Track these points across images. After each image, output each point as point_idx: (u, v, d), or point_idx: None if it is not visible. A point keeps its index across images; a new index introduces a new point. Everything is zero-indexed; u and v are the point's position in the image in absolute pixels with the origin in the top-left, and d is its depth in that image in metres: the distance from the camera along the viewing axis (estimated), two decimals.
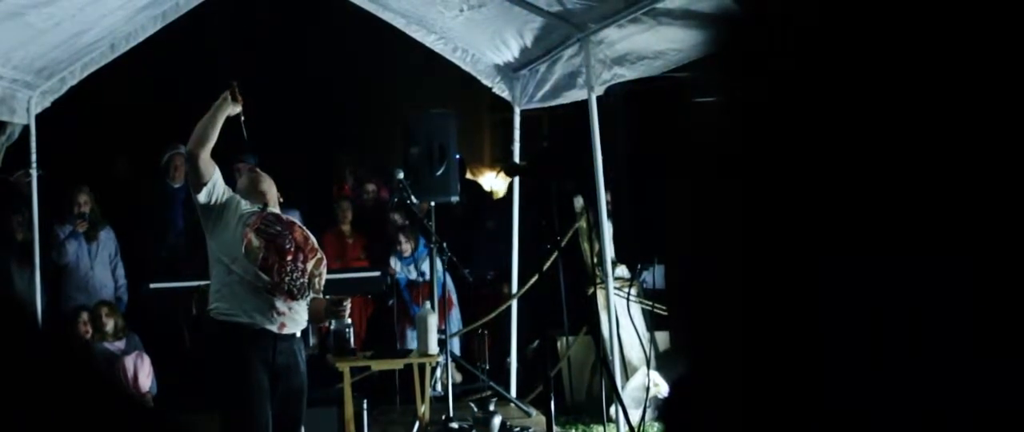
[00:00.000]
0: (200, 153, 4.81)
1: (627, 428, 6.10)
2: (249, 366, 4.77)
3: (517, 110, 8.26)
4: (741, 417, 0.79)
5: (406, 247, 8.91)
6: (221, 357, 4.83)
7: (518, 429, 7.08)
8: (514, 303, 8.23)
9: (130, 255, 8.87)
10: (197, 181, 4.84)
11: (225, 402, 4.85)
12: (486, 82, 8.29)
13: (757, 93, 0.79)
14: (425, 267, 8.77)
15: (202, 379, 5.07)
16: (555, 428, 5.12)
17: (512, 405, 7.86)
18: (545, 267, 6.83)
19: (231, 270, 4.79)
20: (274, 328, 4.82)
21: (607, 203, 6.74)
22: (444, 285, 8.06)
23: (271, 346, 4.81)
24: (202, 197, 4.83)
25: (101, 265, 8.60)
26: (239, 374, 4.77)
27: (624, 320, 7.19)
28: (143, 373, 7.95)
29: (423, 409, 6.92)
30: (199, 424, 6.69)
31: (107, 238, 8.67)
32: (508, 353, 8.36)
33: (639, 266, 6.78)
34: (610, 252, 6.83)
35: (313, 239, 5.09)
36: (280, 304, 4.82)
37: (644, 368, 7.05)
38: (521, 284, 8.18)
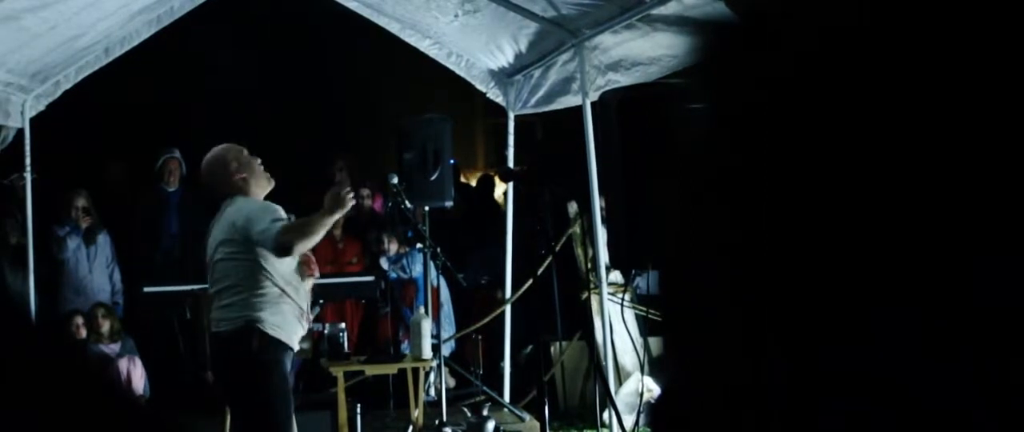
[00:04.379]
0: (297, 248, 4.74)
1: None
2: (287, 380, 4.93)
3: (511, 115, 8.26)
4: (731, 424, 0.80)
5: (391, 246, 8.90)
6: (269, 368, 4.78)
7: None
8: (508, 308, 8.23)
9: (124, 259, 8.87)
10: (281, 254, 4.78)
11: (262, 410, 4.81)
12: (480, 87, 8.30)
13: (750, 100, 0.80)
14: (405, 262, 8.79)
15: (230, 380, 4.92)
16: None
17: (505, 410, 7.86)
18: (539, 272, 6.83)
19: (284, 293, 4.79)
20: (296, 350, 5.01)
21: (601, 209, 6.75)
22: (436, 288, 8.06)
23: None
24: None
25: (99, 269, 8.61)
26: (282, 387, 4.84)
27: (618, 325, 7.19)
28: (136, 375, 7.95)
29: (416, 414, 6.92)
30: (194, 425, 6.70)
31: (104, 242, 8.68)
32: (502, 358, 8.35)
33: (633, 271, 6.79)
34: (604, 257, 6.84)
35: None
36: (303, 328, 4.96)
37: (638, 373, 7.06)
38: (515, 289, 8.18)
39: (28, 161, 7.34)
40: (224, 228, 4.84)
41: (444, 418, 7.04)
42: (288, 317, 4.81)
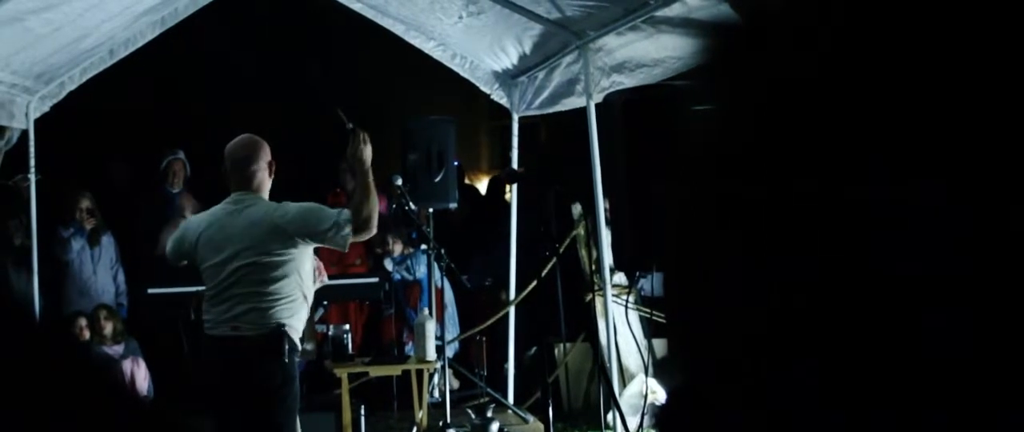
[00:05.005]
0: (375, 220, 4.72)
1: None
2: None
3: (515, 117, 8.27)
4: (738, 426, 0.80)
5: (395, 247, 8.91)
6: (294, 371, 4.74)
7: None
8: (512, 310, 8.23)
9: (128, 260, 8.88)
10: (366, 234, 4.78)
11: (283, 413, 4.75)
12: (484, 89, 8.30)
13: (756, 101, 0.80)
14: (409, 263, 8.80)
15: (251, 382, 4.79)
16: None
17: (509, 411, 7.86)
18: (543, 274, 6.83)
19: (305, 299, 4.77)
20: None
21: (605, 210, 6.75)
22: (440, 288, 8.06)
23: None
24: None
25: (103, 270, 8.62)
26: (298, 389, 4.81)
27: (622, 327, 7.19)
28: (140, 377, 7.96)
29: (420, 415, 6.92)
30: (198, 426, 6.69)
31: (108, 243, 8.69)
32: (506, 359, 8.35)
33: (637, 273, 6.79)
34: (608, 259, 6.84)
35: None
36: None
37: (642, 375, 7.05)
38: (519, 291, 8.19)
39: (32, 162, 7.35)
40: (257, 232, 4.68)
41: (448, 419, 7.04)
42: (303, 321, 4.78)
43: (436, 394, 7.89)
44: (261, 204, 4.78)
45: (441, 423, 7.01)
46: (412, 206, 7.12)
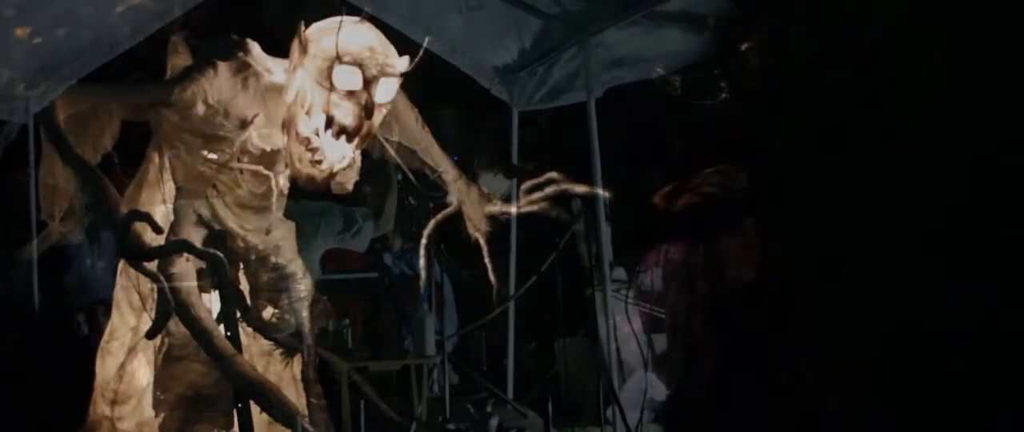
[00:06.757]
0: (392, 222, 4.71)
1: (624, 430, 6.11)
2: None
3: (515, 112, 8.26)
4: (740, 423, 0.80)
5: (395, 242, 8.91)
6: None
7: (515, 431, 7.08)
8: (511, 305, 8.22)
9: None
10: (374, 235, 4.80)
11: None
12: (484, 83, 8.28)
13: (756, 96, 0.80)
14: (409, 258, 8.80)
15: None
16: (552, 430, 5.12)
17: (509, 407, 7.86)
18: (543, 269, 6.83)
19: None
20: None
21: (606, 205, 6.76)
22: (440, 284, 8.05)
23: None
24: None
25: (102, 265, 8.61)
26: None
27: (621, 322, 7.19)
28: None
29: (420, 410, 6.92)
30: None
31: (108, 238, 8.68)
32: (505, 355, 8.35)
33: (637, 268, 6.78)
34: (608, 254, 6.84)
35: None
36: None
37: (641, 370, 7.05)
38: (519, 286, 8.18)
39: (32, 157, 7.33)
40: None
41: (447, 415, 7.04)
42: None
43: (435, 389, 7.89)
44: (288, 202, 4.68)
45: (440, 418, 7.01)
46: (412, 200, 7.12)
